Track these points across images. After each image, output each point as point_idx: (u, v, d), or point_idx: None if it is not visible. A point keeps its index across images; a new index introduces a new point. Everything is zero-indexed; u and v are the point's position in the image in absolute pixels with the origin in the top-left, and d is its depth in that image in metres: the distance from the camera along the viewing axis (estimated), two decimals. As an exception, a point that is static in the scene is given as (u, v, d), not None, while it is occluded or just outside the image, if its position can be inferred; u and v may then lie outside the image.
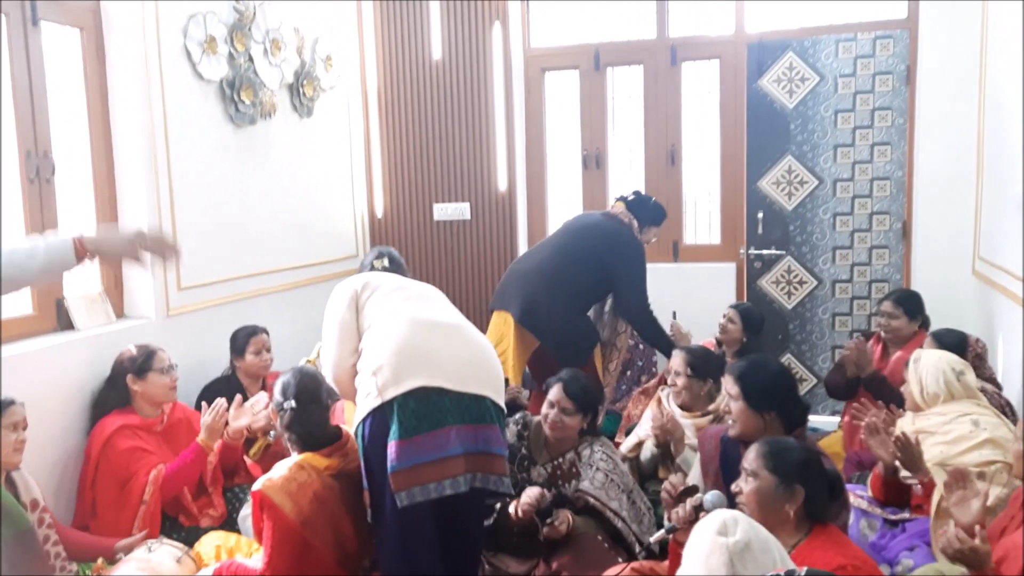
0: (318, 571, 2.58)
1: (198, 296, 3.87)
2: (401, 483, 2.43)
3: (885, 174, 4.87)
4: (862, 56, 4.81)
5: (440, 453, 2.46)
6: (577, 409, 3.11)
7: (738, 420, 2.73)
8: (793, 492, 2.16)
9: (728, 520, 1.86)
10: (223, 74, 3.97)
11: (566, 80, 5.41)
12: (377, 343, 2.59)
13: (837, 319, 5.03)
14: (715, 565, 1.79)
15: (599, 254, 3.93)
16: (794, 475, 2.18)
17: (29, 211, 3.20)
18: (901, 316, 3.84)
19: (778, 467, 2.19)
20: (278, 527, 2.50)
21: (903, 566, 2.58)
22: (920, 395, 2.94)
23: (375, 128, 5.33)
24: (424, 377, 2.48)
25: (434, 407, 2.48)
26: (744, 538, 1.81)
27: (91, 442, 3.16)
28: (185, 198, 3.77)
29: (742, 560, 1.78)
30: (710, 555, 1.81)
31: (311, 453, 2.67)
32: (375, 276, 2.90)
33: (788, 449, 2.26)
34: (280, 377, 2.80)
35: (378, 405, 2.48)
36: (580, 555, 2.84)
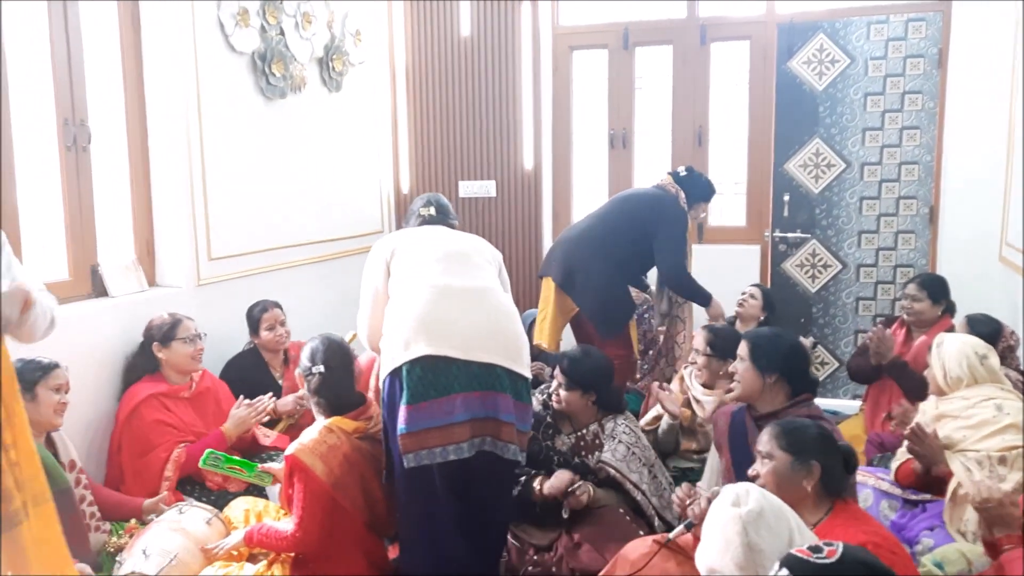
0: (348, 534, 2.64)
1: (228, 267, 3.92)
2: (409, 446, 2.55)
3: (914, 158, 4.84)
4: (894, 39, 4.77)
5: (446, 419, 2.55)
6: (572, 385, 3.13)
7: (741, 380, 2.79)
8: (810, 468, 2.18)
9: (740, 492, 1.90)
10: (255, 47, 4.00)
11: (594, 59, 5.41)
12: (398, 308, 2.69)
13: (861, 303, 5.02)
14: (730, 535, 1.83)
15: (641, 218, 4.02)
16: (809, 451, 2.19)
17: (66, 179, 3.26)
18: (925, 299, 3.83)
19: (792, 445, 2.21)
20: (309, 489, 2.56)
21: (923, 545, 2.60)
22: (943, 379, 2.94)
23: (402, 104, 5.35)
24: (431, 346, 2.56)
25: (441, 375, 2.56)
26: (756, 507, 1.84)
27: (121, 407, 3.23)
28: (216, 169, 3.82)
29: (756, 528, 1.81)
30: (725, 526, 1.85)
31: (339, 417, 2.72)
32: (408, 237, 2.93)
33: (800, 427, 2.28)
34: (308, 343, 2.85)
35: (393, 369, 2.59)
36: (602, 527, 2.88)
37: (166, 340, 3.29)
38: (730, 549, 1.82)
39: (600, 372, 3.20)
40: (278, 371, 3.81)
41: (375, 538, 2.82)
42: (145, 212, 3.66)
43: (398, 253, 2.85)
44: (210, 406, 3.42)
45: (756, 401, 2.78)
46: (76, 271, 3.34)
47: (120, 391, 3.31)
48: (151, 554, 2.54)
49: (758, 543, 1.80)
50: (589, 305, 3.98)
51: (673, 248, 4.02)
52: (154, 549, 2.55)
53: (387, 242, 2.93)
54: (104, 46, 3.46)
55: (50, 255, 3.28)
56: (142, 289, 3.56)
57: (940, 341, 3.05)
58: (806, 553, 1.59)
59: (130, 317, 3.39)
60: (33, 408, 2.61)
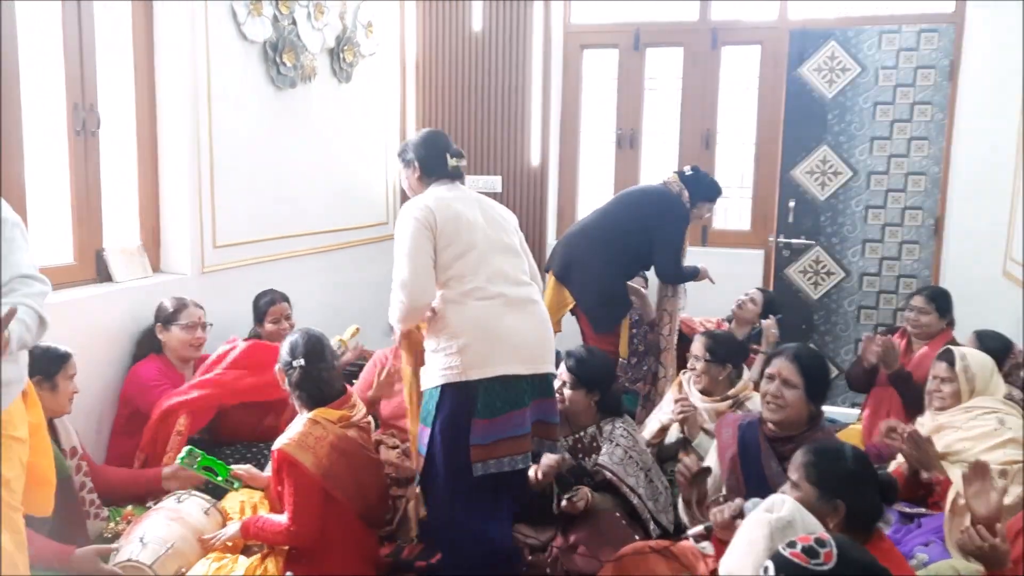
0: (340, 526, 2.66)
1: (233, 255, 3.92)
2: (479, 455, 2.60)
3: (921, 169, 4.84)
4: (905, 49, 4.76)
5: (516, 431, 2.64)
6: (578, 384, 3.15)
7: (789, 407, 2.65)
8: (835, 507, 2.05)
9: (777, 499, 1.93)
10: (267, 36, 3.99)
11: (605, 58, 5.40)
12: (462, 315, 2.61)
13: (863, 312, 5.02)
14: (756, 538, 1.84)
15: (643, 214, 4.04)
16: (837, 489, 2.06)
17: (74, 164, 3.26)
18: (932, 312, 3.84)
19: (820, 479, 2.08)
20: (300, 483, 2.57)
21: (918, 560, 2.60)
22: (969, 391, 2.97)
23: (411, 97, 5.35)
24: (507, 364, 2.61)
25: (513, 390, 2.63)
26: (788, 516, 1.85)
27: (125, 384, 3.28)
28: (224, 156, 3.81)
29: (782, 535, 1.79)
30: (753, 528, 1.88)
31: (322, 408, 2.73)
32: (451, 213, 2.67)
33: (834, 459, 2.13)
34: (287, 338, 2.84)
35: (460, 382, 2.59)
36: (597, 530, 2.88)
37: (167, 323, 3.33)
38: (752, 551, 1.82)
39: (605, 371, 3.22)
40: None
41: (367, 530, 2.83)
42: (151, 198, 3.66)
43: (445, 232, 2.65)
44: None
45: (787, 427, 2.69)
46: (81, 255, 3.34)
47: (124, 376, 3.33)
48: (148, 542, 2.54)
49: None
50: (585, 299, 4.00)
51: (672, 250, 4.05)
52: (151, 537, 2.56)
53: (427, 212, 2.65)
54: (116, 32, 3.45)
55: (56, 239, 3.28)
56: (146, 275, 3.56)
57: (963, 355, 3.07)
58: (802, 558, 1.55)
59: (134, 302, 3.40)
60: (51, 397, 2.64)
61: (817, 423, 2.71)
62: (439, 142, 2.86)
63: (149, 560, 2.49)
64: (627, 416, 3.30)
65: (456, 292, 2.63)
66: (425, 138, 2.87)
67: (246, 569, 2.59)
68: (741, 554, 1.86)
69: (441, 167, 2.81)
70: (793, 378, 2.66)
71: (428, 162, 2.83)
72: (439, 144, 2.85)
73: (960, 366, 3.02)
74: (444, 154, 2.82)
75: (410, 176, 2.86)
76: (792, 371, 2.67)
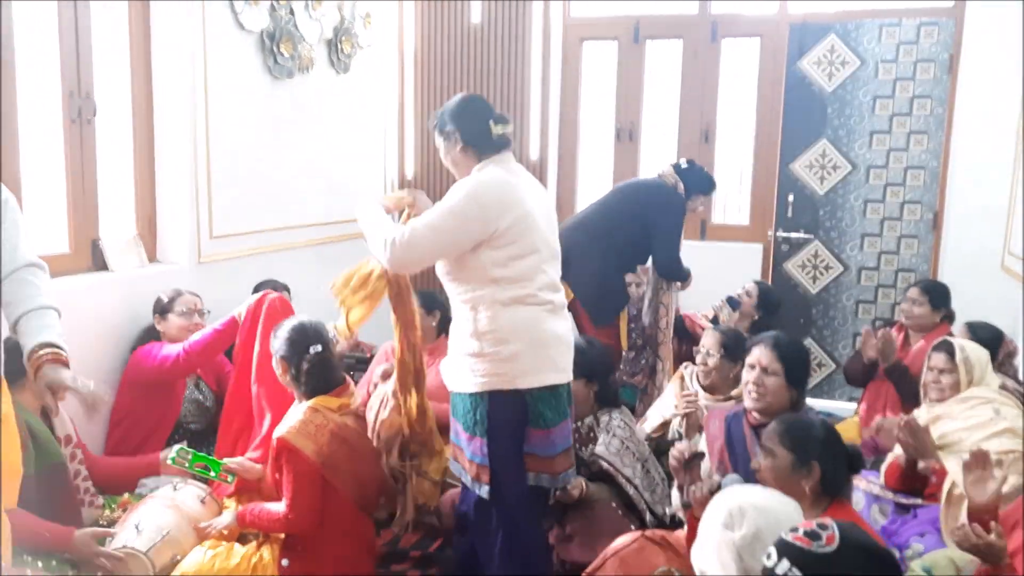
0: (338, 515, 2.65)
1: (229, 245, 3.92)
2: (537, 466, 2.55)
3: (920, 163, 4.83)
4: (905, 42, 4.75)
5: (567, 443, 2.60)
6: (578, 374, 3.12)
7: (772, 394, 2.69)
8: (810, 469, 2.19)
9: (734, 511, 1.87)
10: (264, 25, 3.98)
11: (604, 51, 5.38)
12: (512, 320, 2.45)
13: (861, 306, 5.02)
14: (726, 562, 1.84)
15: (640, 205, 4.04)
16: (810, 452, 2.20)
17: (69, 151, 3.25)
18: (925, 304, 3.84)
19: (795, 444, 2.22)
20: (299, 470, 2.56)
21: (913, 551, 2.60)
22: (967, 382, 2.98)
23: (409, 89, 5.33)
24: (554, 373, 2.52)
25: (559, 399, 2.55)
26: (751, 531, 1.83)
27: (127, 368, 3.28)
28: (221, 146, 3.80)
29: (751, 552, 1.80)
30: (719, 551, 1.86)
31: (321, 396, 2.72)
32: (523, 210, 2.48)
33: (805, 427, 2.29)
34: (285, 326, 2.80)
35: (510, 389, 2.47)
36: (593, 520, 2.88)
37: (164, 312, 3.33)
38: (727, 569, 1.84)
39: (603, 362, 3.22)
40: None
41: (365, 519, 2.82)
42: (148, 188, 3.65)
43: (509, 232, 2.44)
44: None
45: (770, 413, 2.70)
46: (77, 245, 3.33)
47: (119, 366, 3.32)
48: (144, 530, 2.54)
49: (754, 567, 1.79)
50: (583, 292, 3.99)
51: (670, 241, 4.04)
52: (147, 525, 2.56)
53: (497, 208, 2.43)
54: (112, 19, 3.44)
55: (51, 228, 3.27)
56: (142, 265, 3.56)
57: (962, 346, 3.08)
58: (805, 541, 1.56)
59: (129, 293, 3.39)
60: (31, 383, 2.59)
61: (800, 406, 2.73)
62: (480, 107, 2.60)
63: (144, 547, 2.49)
64: (624, 408, 3.29)
65: (508, 295, 2.44)
66: (463, 105, 2.60)
67: (242, 557, 2.59)
68: (717, 568, 1.86)
69: (486, 136, 2.54)
70: (772, 365, 2.71)
71: (471, 132, 2.55)
72: (480, 109, 2.59)
73: (960, 357, 3.02)
74: (487, 121, 2.54)
75: (451, 150, 2.58)
76: (771, 358, 2.71)
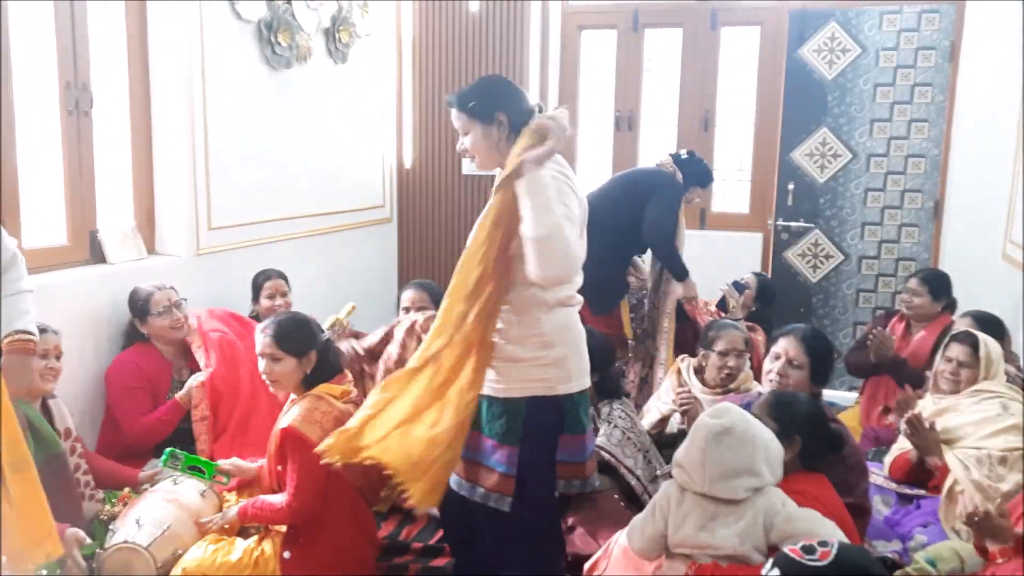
0: (340, 504, 2.65)
1: (228, 237, 3.89)
2: (569, 473, 2.42)
3: (921, 151, 4.81)
4: (906, 30, 4.73)
5: (592, 448, 2.50)
6: None
7: (794, 385, 2.74)
8: (791, 441, 2.30)
9: (723, 408, 2.22)
10: (261, 15, 3.95)
11: (603, 39, 5.36)
12: (554, 323, 2.32)
13: (861, 295, 5.01)
14: (695, 440, 2.15)
15: (637, 191, 4.03)
16: (794, 426, 2.32)
17: (66, 143, 3.22)
18: (925, 295, 3.83)
19: (781, 416, 2.34)
20: (305, 458, 2.52)
21: (916, 541, 2.60)
22: (984, 377, 2.98)
23: (408, 78, 5.30)
24: (586, 376, 2.43)
25: (587, 402, 2.46)
26: (727, 423, 2.12)
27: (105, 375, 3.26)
28: (218, 137, 3.78)
29: (717, 441, 2.11)
30: (695, 431, 2.18)
31: (324, 384, 2.71)
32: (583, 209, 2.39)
33: (794, 402, 2.43)
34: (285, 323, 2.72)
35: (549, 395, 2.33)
36: (595, 511, 2.88)
37: (142, 316, 3.27)
38: (691, 450, 2.15)
39: (604, 353, 3.19)
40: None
41: (367, 510, 2.81)
42: (146, 179, 3.62)
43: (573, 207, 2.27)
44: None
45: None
46: (75, 237, 3.31)
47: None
48: (144, 524, 2.53)
49: (714, 455, 2.10)
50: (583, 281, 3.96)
51: (663, 210, 3.98)
52: (147, 519, 2.55)
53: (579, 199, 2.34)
54: (108, 9, 3.41)
55: (49, 220, 3.25)
56: (141, 257, 3.53)
57: (984, 340, 3.06)
58: (798, 554, 1.60)
59: (128, 285, 3.36)
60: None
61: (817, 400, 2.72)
62: (519, 90, 2.38)
63: (145, 542, 2.48)
64: (625, 399, 3.28)
65: (552, 296, 2.31)
66: (506, 88, 2.38)
67: (243, 551, 2.58)
68: (685, 447, 2.19)
69: (528, 123, 2.29)
70: (800, 358, 2.74)
71: (519, 118, 2.30)
72: (520, 93, 2.37)
73: (984, 351, 2.99)
74: (527, 104, 2.34)
75: (490, 136, 2.31)
76: (799, 351, 2.74)
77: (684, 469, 2.16)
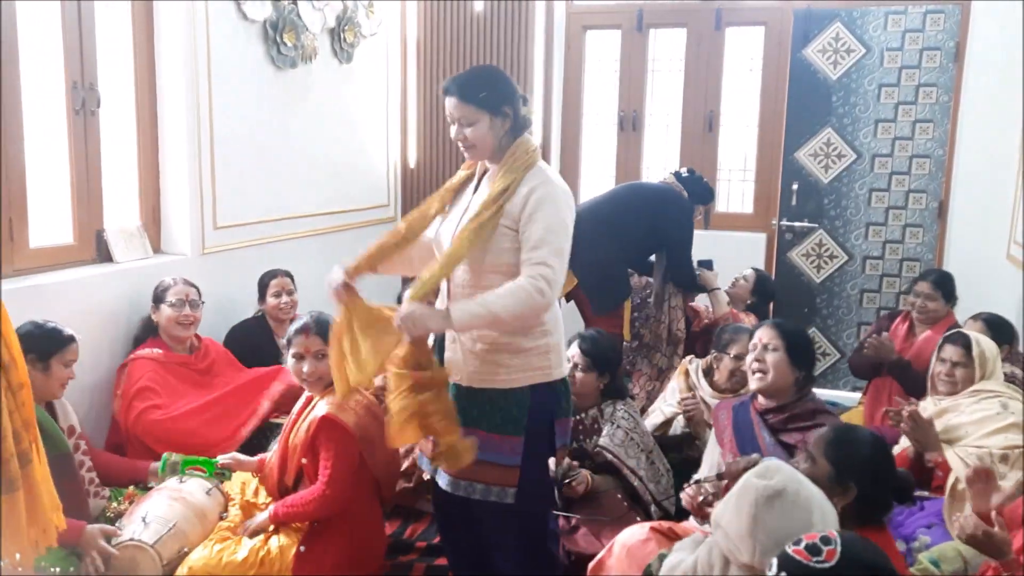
0: (360, 498, 2.68)
1: (233, 236, 3.91)
2: (561, 457, 2.57)
3: (925, 152, 4.81)
4: (911, 30, 4.72)
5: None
6: (591, 367, 3.13)
7: (773, 371, 2.69)
8: (845, 488, 2.03)
9: (772, 465, 1.84)
10: (267, 15, 3.96)
11: (607, 39, 5.36)
12: (551, 311, 2.36)
13: (865, 295, 5.01)
14: (743, 503, 1.79)
15: (650, 205, 4.03)
16: (852, 471, 2.04)
17: (73, 143, 3.23)
18: (939, 298, 3.82)
19: (838, 459, 2.06)
20: (342, 443, 2.58)
21: (920, 543, 2.60)
22: (980, 376, 2.98)
23: (412, 78, 5.30)
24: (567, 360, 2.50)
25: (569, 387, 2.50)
26: (779, 486, 1.77)
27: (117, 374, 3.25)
28: (224, 137, 3.79)
29: (768, 505, 1.76)
30: (741, 494, 1.81)
31: None
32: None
33: (855, 443, 2.11)
34: (316, 320, 2.81)
35: (549, 381, 2.39)
36: (599, 512, 2.89)
37: (157, 302, 3.32)
38: (739, 515, 1.80)
39: (614, 354, 3.22)
40: (283, 340, 3.81)
41: (379, 506, 2.84)
42: (152, 178, 3.64)
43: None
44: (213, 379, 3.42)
45: (774, 395, 2.72)
46: (81, 236, 3.33)
47: (123, 357, 3.31)
48: (150, 522, 2.54)
49: (765, 521, 1.75)
50: (587, 279, 3.98)
51: (686, 252, 4.07)
52: (153, 517, 2.55)
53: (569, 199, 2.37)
54: (115, 9, 3.42)
55: (56, 219, 3.26)
56: (147, 256, 3.55)
57: (977, 339, 3.06)
58: (803, 555, 1.53)
59: (134, 284, 3.38)
60: (42, 378, 2.61)
61: (806, 392, 2.73)
62: (513, 83, 2.38)
63: (151, 539, 2.48)
64: (628, 400, 3.29)
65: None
66: (506, 81, 2.37)
67: (249, 551, 2.59)
68: (730, 511, 1.83)
69: (524, 115, 2.36)
70: (773, 341, 2.71)
71: (520, 112, 2.34)
72: (514, 86, 2.37)
73: (976, 351, 3.00)
74: (521, 98, 2.37)
75: (496, 129, 2.31)
76: (772, 335, 2.72)
77: (728, 536, 1.82)
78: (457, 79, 2.33)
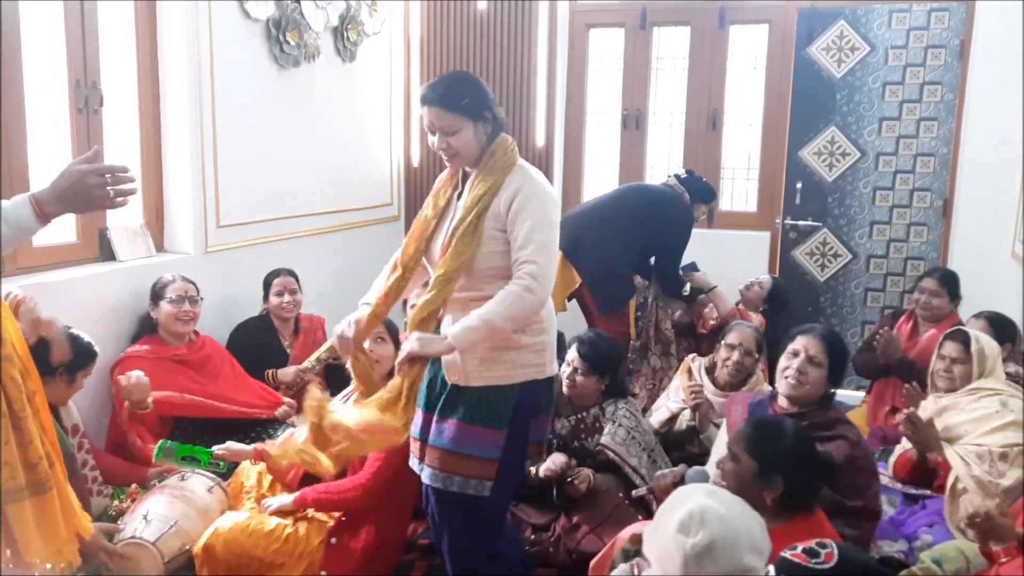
0: (396, 493, 2.72)
1: (236, 234, 3.92)
2: (534, 452, 2.57)
3: (930, 150, 4.79)
4: (915, 28, 4.71)
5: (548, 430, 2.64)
6: (590, 370, 3.13)
7: (811, 384, 2.64)
8: (772, 482, 2.09)
9: (695, 515, 1.73)
10: (270, 14, 3.96)
11: (611, 38, 5.35)
12: (549, 305, 2.41)
13: (869, 294, 5.00)
14: (671, 565, 1.72)
15: (654, 207, 4.04)
16: (776, 465, 2.09)
17: (76, 141, 3.24)
18: (944, 295, 3.83)
19: (761, 454, 2.12)
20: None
21: (922, 542, 2.60)
22: (979, 373, 2.97)
23: (415, 77, 5.30)
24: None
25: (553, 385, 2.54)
26: (706, 540, 1.69)
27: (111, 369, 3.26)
28: (227, 136, 3.80)
29: (698, 561, 1.69)
30: (671, 547, 1.73)
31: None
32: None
33: (775, 436, 2.17)
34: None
35: (547, 377, 2.44)
36: (599, 510, 2.88)
37: (156, 298, 3.34)
38: (669, 570, 1.74)
39: (615, 355, 3.21)
40: (287, 339, 3.83)
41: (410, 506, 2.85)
42: (155, 177, 3.64)
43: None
44: (208, 372, 3.42)
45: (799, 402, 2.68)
46: (84, 234, 3.34)
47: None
48: (152, 519, 2.55)
49: (698, 573, 1.70)
50: (592, 279, 3.99)
51: (677, 255, 4.11)
52: (155, 515, 2.57)
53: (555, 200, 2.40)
54: (118, 8, 3.43)
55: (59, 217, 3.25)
56: (150, 254, 3.56)
57: (977, 338, 3.06)
58: (802, 558, 1.55)
59: (137, 282, 3.39)
60: (65, 389, 2.69)
61: (829, 403, 2.70)
62: (486, 86, 2.39)
63: (152, 537, 2.50)
64: (630, 398, 3.29)
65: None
66: (481, 85, 2.36)
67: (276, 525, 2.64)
68: (663, 565, 1.76)
69: (500, 119, 2.38)
70: (820, 357, 2.65)
71: (497, 116, 2.37)
72: (488, 89, 2.38)
73: (975, 348, 3.00)
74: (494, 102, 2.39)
75: (479, 134, 2.32)
76: (820, 350, 2.66)
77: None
78: (436, 88, 2.30)
